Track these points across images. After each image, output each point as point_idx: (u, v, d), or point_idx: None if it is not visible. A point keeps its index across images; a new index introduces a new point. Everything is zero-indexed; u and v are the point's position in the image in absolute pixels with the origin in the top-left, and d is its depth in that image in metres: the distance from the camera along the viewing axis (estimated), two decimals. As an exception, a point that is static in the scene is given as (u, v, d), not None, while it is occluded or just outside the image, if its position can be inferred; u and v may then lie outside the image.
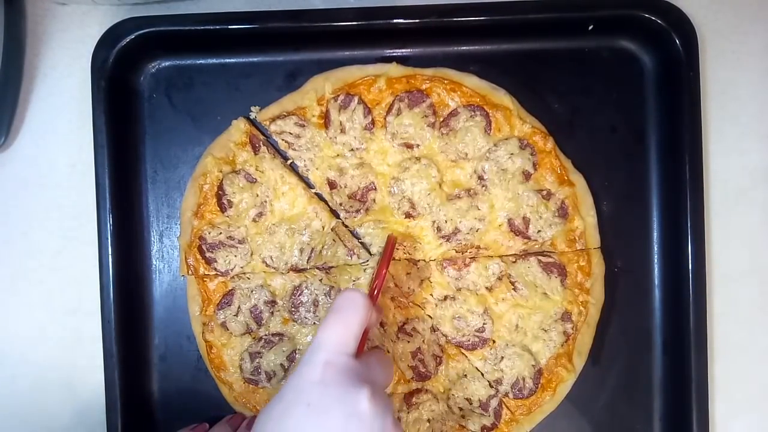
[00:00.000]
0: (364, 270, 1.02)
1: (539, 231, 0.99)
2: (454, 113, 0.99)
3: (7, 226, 1.04)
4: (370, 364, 0.76)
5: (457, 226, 0.99)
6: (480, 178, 0.99)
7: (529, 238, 0.99)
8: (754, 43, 1.03)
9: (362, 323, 0.74)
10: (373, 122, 1.00)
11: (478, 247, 1.00)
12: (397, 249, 0.99)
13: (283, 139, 1.01)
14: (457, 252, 1.00)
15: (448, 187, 1.00)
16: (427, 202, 0.99)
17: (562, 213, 0.99)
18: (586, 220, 0.99)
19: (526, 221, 0.99)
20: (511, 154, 0.98)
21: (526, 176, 0.99)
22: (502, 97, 0.99)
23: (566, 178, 0.99)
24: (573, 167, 1.00)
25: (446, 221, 0.99)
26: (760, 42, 1.03)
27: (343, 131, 1.00)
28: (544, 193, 0.99)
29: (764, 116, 1.03)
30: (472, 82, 0.99)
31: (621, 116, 1.02)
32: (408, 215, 1.00)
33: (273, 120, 1.00)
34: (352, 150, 1.01)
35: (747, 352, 1.03)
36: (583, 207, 1.00)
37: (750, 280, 1.03)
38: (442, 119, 1.00)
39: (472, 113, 0.99)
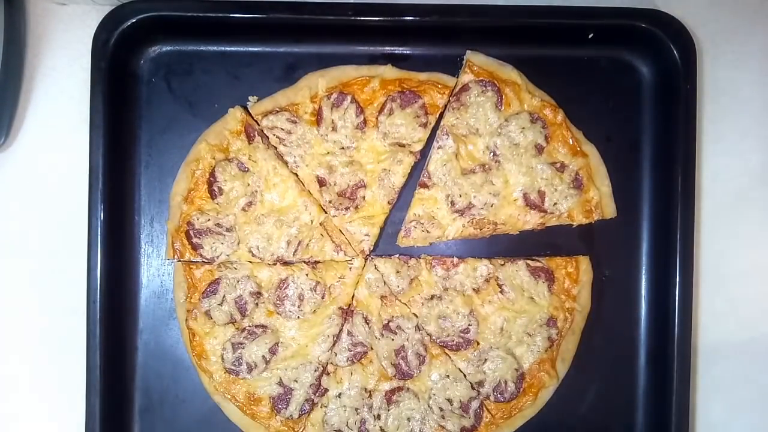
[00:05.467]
0: (350, 268, 1.02)
1: (555, 203, 0.99)
2: (465, 88, 0.99)
3: (6, 224, 1.04)
4: None
5: (471, 201, 0.98)
6: (493, 153, 0.99)
7: (545, 211, 0.99)
8: (754, 44, 1.04)
9: None
10: (365, 121, 1.01)
11: (495, 223, 0.99)
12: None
13: (274, 135, 1.01)
14: (474, 228, 0.99)
15: (464, 160, 0.99)
16: (442, 172, 0.99)
17: (577, 184, 0.99)
18: (601, 189, 0.99)
19: (541, 194, 0.98)
20: (523, 128, 0.98)
21: (539, 150, 0.99)
22: (509, 72, 0.99)
23: (579, 149, 0.99)
24: (584, 138, 1.00)
25: (460, 195, 0.99)
26: (760, 43, 1.04)
27: (334, 129, 1.00)
28: (558, 165, 0.99)
29: (764, 117, 1.04)
30: (479, 59, 1.00)
31: (616, 126, 1.02)
32: (423, 185, 1.00)
33: (265, 115, 1.01)
34: (342, 148, 1.01)
35: (747, 353, 1.03)
36: (598, 177, 1.00)
37: (751, 279, 1.03)
38: (453, 93, 1.00)
39: (483, 88, 0.99)
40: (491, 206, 0.99)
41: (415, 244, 1.01)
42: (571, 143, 0.99)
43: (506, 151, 0.99)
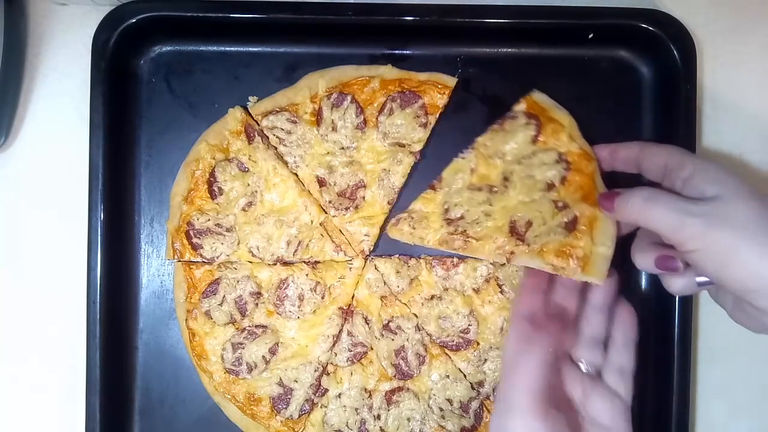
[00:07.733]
0: (350, 268, 1.02)
1: (537, 236, 0.92)
2: (512, 116, 0.97)
3: (6, 224, 1.04)
4: None
5: (464, 214, 0.95)
6: (506, 179, 0.96)
7: (523, 241, 0.92)
8: (754, 44, 1.04)
9: None
10: (365, 121, 1.01)
11: (468, 236, 0.94)
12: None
13: (274, 135, 1.01)
14: (450, 234, 0.95)
15: (477, 177, 0.96)
16: (452, 180, 0.97)
17: (570, 226, 0.91)
18: (597, 247, 0.89)
19: (528, 224, 0.93)
20: (544, 163, 0.94)
21: (549, 187, 0.94)
22: (562, 115, 0.96)
23: (594, 201, 0.90)
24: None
25: (456, 205, 0.96)
26: (760, 43, 1.04)
27: (334, 129, 1.00)
28: (560, 204, 0.93)
29: (764, 116, 1.04)
30: (540, 98, 0.97)
31: (617, 126, 1.01)
32: (432, 187, 0.98)
33: (265, 115, 1.01)
34: (342, 148, 1.01)
35: (747, 353, 1.03)
36: (600, 233, 0.89)
37: None
38: (498, 117, 0.97)
39: (528, 120, 0.96)
40: (477, 224, 0.95)
41: (401, 238, 0.98)
42: (588, 192, 0.92)
43: (518, 180, 0.95)
